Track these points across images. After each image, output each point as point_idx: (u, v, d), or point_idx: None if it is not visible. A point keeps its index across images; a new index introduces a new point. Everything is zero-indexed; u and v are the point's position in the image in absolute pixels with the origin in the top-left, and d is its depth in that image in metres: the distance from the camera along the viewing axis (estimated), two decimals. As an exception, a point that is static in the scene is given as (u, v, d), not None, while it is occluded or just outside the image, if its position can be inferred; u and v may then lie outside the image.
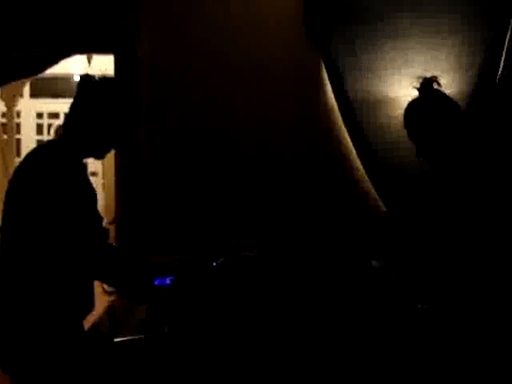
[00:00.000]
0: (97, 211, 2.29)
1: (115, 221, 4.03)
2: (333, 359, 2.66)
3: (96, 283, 2.37)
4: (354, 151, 3.84)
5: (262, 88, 3.89)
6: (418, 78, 2.49)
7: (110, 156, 3.68)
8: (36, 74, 3.99)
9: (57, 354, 2.17)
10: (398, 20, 3.82)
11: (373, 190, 3.80)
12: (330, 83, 3.87)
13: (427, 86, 2.47)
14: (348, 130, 3.85)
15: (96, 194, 2.31)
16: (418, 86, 2.48)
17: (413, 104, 2.49)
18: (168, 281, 2.51)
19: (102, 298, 2.80)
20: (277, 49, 3.88)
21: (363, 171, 3.83)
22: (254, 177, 3.88)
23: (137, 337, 2.51)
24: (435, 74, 2.55)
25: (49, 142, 2.66)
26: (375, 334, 2.69)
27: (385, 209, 3.77)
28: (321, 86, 3.91)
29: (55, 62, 3.93)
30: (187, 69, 3.90)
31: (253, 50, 3.89)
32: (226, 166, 3.88)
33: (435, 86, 2.47)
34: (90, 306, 2.31)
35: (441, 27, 3.80)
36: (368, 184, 3.82)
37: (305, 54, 3.90)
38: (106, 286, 2.74)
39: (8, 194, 2.23)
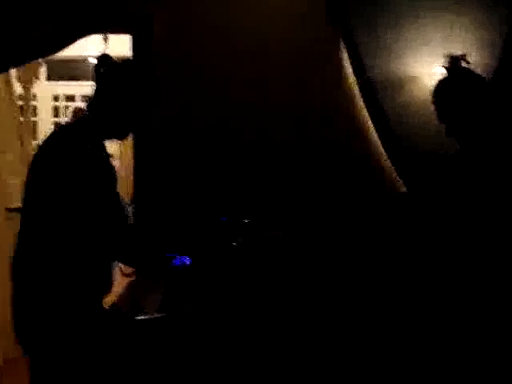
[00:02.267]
0: (116, 192, 2.29)
1: (133, 202, 4.04)
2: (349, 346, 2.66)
3: (116, 265, 2.38)
4: (374, 131, 3.81)
5: (281, 69, 3.85)
6: (446, 56, 2.44)
7: (128, 138, 3.69)
8: (52, 53, 3.97)
9: (77, 333, 2.18)
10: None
11: (394, 172, 3.77)
12: (350, 63, 3.83)
13: (455, 64, 2.42)
14: (368, 110, 3.81)
15: (116, 175, 2.31)
16: (446, 64, 2.43)
17: (442, 83, 2.44)
18: (187, 260, 2.51)
19: (121, 280, 2.82)
20: (296, 29, 3.84)
21: (383, 151, 3.79)
22: (271, 158, 3.86)
23: (158, 315, 2.52)
24: (456, 51, 2.50)
25: (69, 123, 2.66)
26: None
27: (407, 189, 3.74)
28: (341, 65, 3.87)
29: (71, 41, 3.91)
30: (201, 53, 3.87)
31: (271, 31, 3.85)
32: (242, 146, 3.86)
33: (463, 63, 2.42)
34: (108, 285, 2.32)
35: (460, 4, 3.75)
36: (389, 164, 3.79)
37: (325, 34, 3.85)
38: (123, 268, 2.76)
39: (30, 175, 2.23)
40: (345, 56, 3.85)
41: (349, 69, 3.84)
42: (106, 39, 6.08)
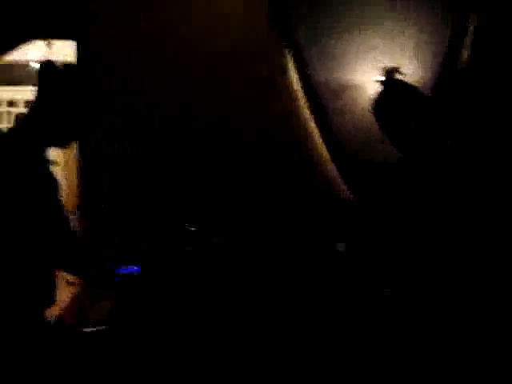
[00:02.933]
0: (58, 201, 2.25)
1: (77, 210, 3.97)
2: (299, 343, 2.67)
3: (60, 274, 2.33)
4: (319, 137, 3.85)
5: (226, 75, 3.86)
6: (381, 69, 2.49)
7: (72, 144, 3.63)
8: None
9: (20, 347, 2.13)
10: (361, 7, 3.83)
11: (338, 176, 3.82)
12: (295, 69, 3.87)
13: (389, 77, 2.47)
14: (312, 115, 3.85)
15: (57, 183, 2.27)
16: (382, 77, 2.48)
17: (378, 96, 2.49)
18: (134, 270, 2.48)
19: (66, 289, 2.77)
20: (240, 36, 3.85)
21: (328, 156, 3.84)
22: (216, 163, 3.85)
23: (104, 327, 2.48)
24: (399, 61, 2.55)
25: (9, 129, 2.60)
26: (342, 317, 2.71)
27: (350, 194, 3.79)
28: (285, 72, 3.90)
29: (14, 46, 3.84)
30: (147, 56, 3.85)
31: (216, 37, 3.85)
32: (187, 152, 3.85)
33: (398, 76, 2.47)
34: (50, 296, 2.27)
35: (404, 14, 3.82)
36: (333, 169, 3.84)
37: (269, 41, 3.88)
38: (69, 277, 2.71)
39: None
40: (289, 62, 3.88)
41: (293, 75, 3.88)
42: (49, 44, 5.97)
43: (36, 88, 2.27)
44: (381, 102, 2.48)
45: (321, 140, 3.84)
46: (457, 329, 2.27)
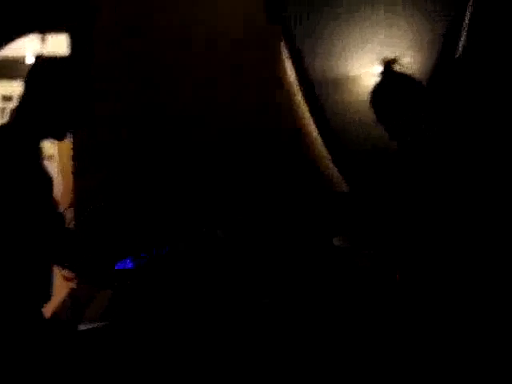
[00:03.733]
0: (52, 197, 2.23)
1: (72, 205, 3.95)
2: (302, 339, 2.65)
3: (56, 270, 2.32)
4: (315, 130, 3.83)
5: (222, 67, 3.84)
6: (380, 60, 2.46)
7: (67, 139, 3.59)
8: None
9: (15, 344, 2.11)
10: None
11: (336, 171, 3.81)
12: (291, 62, 3.84)
13: (389, 68, 2.45)
14: (309, 108, 3.83)
15: (51, 179, 2.25)
16: (380, 68, 2.45)
17: (376, 88, 2.47)
18: (129, 264, 2.46)
19: (63, 285, 2.75)
20: (237, 27, 3.83)
21: (324, 148, 3.82)
22: (213, 156, 3.83)
23: (101, 324, 2.46)
24: (395, 52, 2.53)
25: (1, 125, 2.57)
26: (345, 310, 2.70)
27: (347, 187, 3.78)
28: (281, 64, 3.88)
29: (9, 41, 3.82)
30: (143, 47, 3.82)
31: (213, 30, 3.82)
32: (183, 145, 3.83)
33: (397, 67, 2.45)
34: (47, 294, 2.25)
35: (400, 4, 3.80)
36: (329, 162, 3.82)
37: (265, 33, 3.85)
38: (65, 272, 2.69)
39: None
40: (286, 55, 3.86)
41: (290, 68, 3.86)
42: (43, 38, 5.94)
43: (26, 81, 2.25)
44: (380, 94, 2.45)
45: (318, 133, 3.82)
46: (459, 324, 2.25)
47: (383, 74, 2.45)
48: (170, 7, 3.83)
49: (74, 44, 3.87)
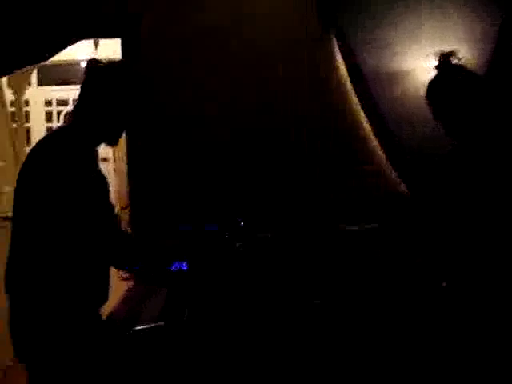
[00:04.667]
0: (109, 199, 2.25)
1: (128, 206, 4.00)
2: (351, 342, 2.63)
3: (112, 271, 2.34)
4: (367, 126, 3.79)
5: (274, 67, 3.83)
6: (436, 53, 2.38)
7: (121, 141, 3.65)
8: (43, 60, 3.95)
9: (74, 344, 2.14)
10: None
11: (390, 168, 3.75)
12: (342, 58, 3.81)
13: (446, 61, 2.37)
14: (362, 105, 3.78)
15: (107, 182, 2.27)
16: (437, 62, 2.38)
17: (433, 81, 2.39)
18: (183, 266, 2.47)
19: (119, 285, 2.78)
20: (288, 26, 3.81)
21: (379, 147, 3.77)
22: (262, 156, 3.83)
23: (156, 325, 2.47)
24: (449, 45, 2.45)
25: (59, 129, 2.62)
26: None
27: (404, 188, 3.71)
28: (333, 61, 3.84)
29: (62, 47, 3.89)
30: (190, 54, 3.85)
31: (263, 30, 3.82)
32: (232, 147, 3.83)
33: (454, 60, 2.37)
34: (105, 295, 2.28)
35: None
36: (384, 160, 3.77)
37: (317, 30, 3.82)
38: (122, 273, 2.72)
39: (19, 183, 2.19)
40: (338, 53, 3.82)
41: (342, 66, 3.82)
42: (96, 43, 6.05)
43: (81, 86, 2.28)
44: (438, 88, 2.37)
45: (372, 130, 3.77)
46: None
47: (440, 67, 2.37)
48: (212, 12, 3.85)
49: (124, 48, 3.93)
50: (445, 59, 2.36)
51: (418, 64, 3.64)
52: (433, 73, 2.41)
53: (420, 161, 3.60)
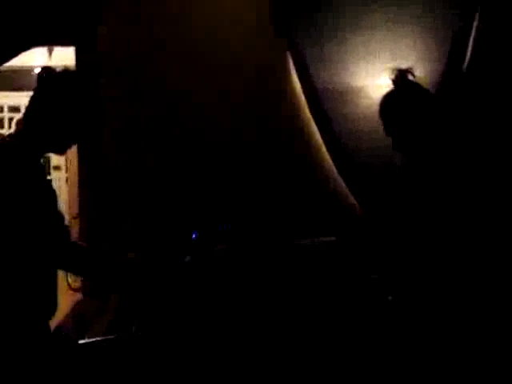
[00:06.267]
0: (57, 210, 2.22)
1: (79, 215, 3.95)
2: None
3: (60, 281, 2.30)
4: (321, 141, 3.83)
5: (228, 79, 3.84)
6: (393, 69, 2.42)
7: (74, 150, 3.61)
8: (-3, 65, 3.87)
9: (21, 357, 2.10)
10: (363, 9, 3.80)
11: (342, 181, 3.79)
12: (297, 73, 3.84)
13: (401, 77, 2.41)
14: (315, 120, 3.82)
15: (55, 192, 2.24)
16: (392, 77, 2.41)
17: (388, 97, 2.43)
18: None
19: (68, 297, 2.73)
20: (242, 40, 3.83)
21: (331, 161, 3.81)
22: (218, 169, 3.83)
23: (103, 338, 2.43)
24: (402, 63, 2.50)
25: (7, 136, 2.57)
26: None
27: (353, 199, 3.76)
28: (287, 76, 3.87)
29: (15, 54, 3.82)
30: (149, 63, 3.83)
31: (217, 42, 3.83)
32: (190, 159, 3.83)
33: (409, 77, 2.41)
34: (53, 307, 2.23)
35: (406, 16, 3.79)
36: (336, 175, 3.81)
37: (271, 45, 3.85)
38: (71, 281, 2.67)
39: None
40: (292, 68, 3.85)
41: (296, 80, 3.85)
42: (50, 50, 5.98)
43: (33, 93, 2.24)
44: (392, 104, 2.41)
45: (324, 145, 3.81)
46: (457, 329, 2.23)
47: (396, 83, 2.41)
48: (172, 20, 3.84)
49: (81, 57, 3.89)
50: (401, 75, 2.40)
51: (371, 81, 3.69)
52: (385, 89, 2.45)
53: (371, 176, 3.65)
